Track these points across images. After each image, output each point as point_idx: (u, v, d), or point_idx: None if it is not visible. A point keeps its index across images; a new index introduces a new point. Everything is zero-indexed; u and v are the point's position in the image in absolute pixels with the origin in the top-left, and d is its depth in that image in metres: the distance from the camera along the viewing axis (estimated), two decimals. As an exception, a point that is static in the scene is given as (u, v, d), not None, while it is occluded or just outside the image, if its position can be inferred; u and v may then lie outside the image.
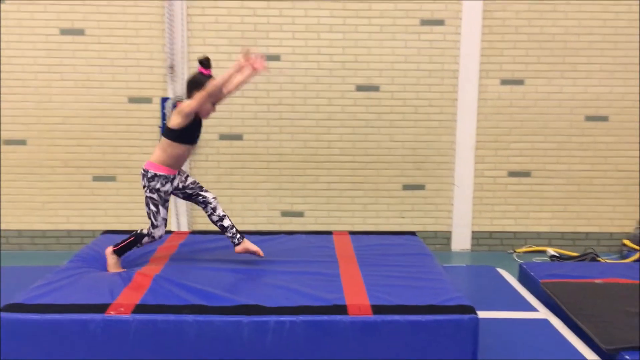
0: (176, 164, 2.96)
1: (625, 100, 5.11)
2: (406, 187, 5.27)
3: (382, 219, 5.29)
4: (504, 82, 5.13)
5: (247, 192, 5.24)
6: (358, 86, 5.14)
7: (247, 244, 3.02)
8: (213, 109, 2.93)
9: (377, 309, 2.43)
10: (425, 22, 5.06)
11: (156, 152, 2.94)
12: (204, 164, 5.20)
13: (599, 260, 4.70)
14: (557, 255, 5.01)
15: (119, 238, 3.05)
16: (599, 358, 2.64)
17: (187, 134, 2.89)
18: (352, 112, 5.19)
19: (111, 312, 2.40)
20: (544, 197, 5.27)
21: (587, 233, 5.30)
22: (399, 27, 5.07)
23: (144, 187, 2.93)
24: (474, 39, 5.04)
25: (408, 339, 2.41)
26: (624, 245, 5.15)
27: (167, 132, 2.90)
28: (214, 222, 3.06)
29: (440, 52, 5.10)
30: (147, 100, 5.11)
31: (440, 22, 5.05)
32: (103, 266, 2.96)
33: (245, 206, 5.24)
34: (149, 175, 2.91)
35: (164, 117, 5.05)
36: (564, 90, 5.11)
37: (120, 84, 5.08)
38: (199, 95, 2.80)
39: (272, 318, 2.36)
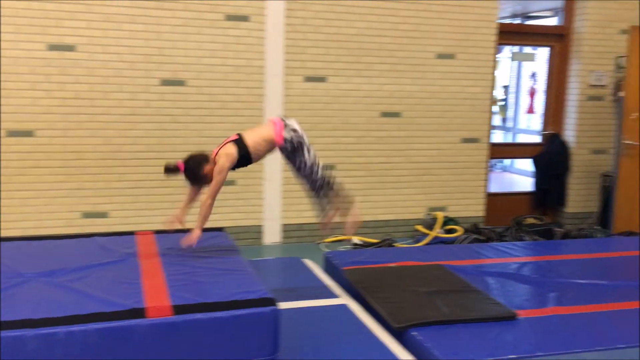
0: None
1: (414, 97, 5.60)
2: (216, 183, 5.23)
3: (193, 215, 5.16)
4: (308, 79, 5.33)
5: (42, 193, 4.81)
6: (163, 80, 4.98)
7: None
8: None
9: (178, 309, 2.37)
10: (230, 18, 5.05)
11: None
12: (-11, 164, 4.68)
13: (395, 246, 5.11)
14: (359, 243, 5.34)
15: None
16: (391, 336, 2.86)
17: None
18: (158, 107, 5.02)
19: None
20: (347, 189, 5.56)
21: (386, 220, 5.72)
22: (204, 22, 5.00)
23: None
24: (277, 36, 5.15)
25: (211, 337, 2.39)
26: (417, 230, 5.65)
27: None
28: None
29: (247, 48, 5.14)
30: None
31: (245, 18, 5.08)
32: None
33: (41, 209, 4.82)
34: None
35: None
36: (361, 87, 5.45)
37: None
38: None
39: (61, 329, 2.19)
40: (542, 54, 6.87)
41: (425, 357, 2.63)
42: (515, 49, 7.86)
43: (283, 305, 2.78)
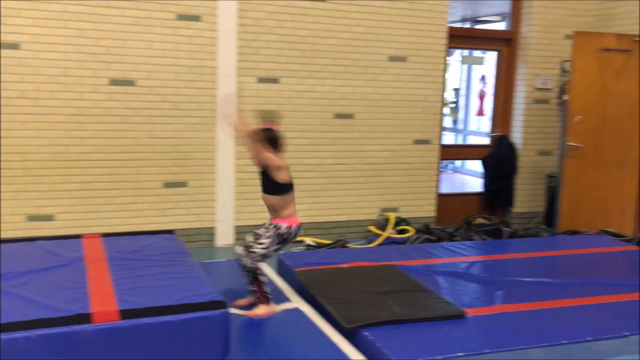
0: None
1: (366, 99, 5.64)
2: (168, 185, 5.16)
3: (142, 218, 5.11)
4: (261, 80, 5.31)
5: (-17, 196, 4.65)
6: (112, 80, 4.87)
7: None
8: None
9: (126, 314, 2.33)
10: (181, 17, 4.99)
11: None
12: None
13: (348, 246, 5.14)
14: (312, 244, 5.35)
15: None
16: (342, 337, 2.87)
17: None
18: (107, 107, 4.91)
19: None
20: (300, 190, 5.52)
21: (338, 222, 5.74)
22: (154, 21, 4.92)
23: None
24: (230, 36, 5.11)
25: (161, 341, 2.36)
26: (370, 231, 5.70)
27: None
28: None
29: (199, 48, 5.08)
30: None
31: (196, 18, 5.02)
32: None
33: (-18, 212, 4.65)
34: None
35: None
36: (314, 89, 5.46)
37: None
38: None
39: (3, 336, 2.12)
40: (491, 57, 7.04)
41: (376, 356, 2.66)
42: (466, 52, 8.04)
43: (234, 308, 2.77)
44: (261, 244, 3.10)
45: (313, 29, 5.37)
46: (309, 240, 5.41)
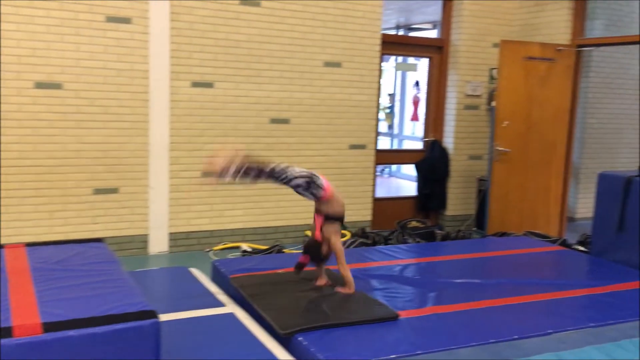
0: None
1: (302, 104, 5.66)
2: (98, 191, 5.00)
3: (71, 226, 4.93)
4: (195, 84, 5.23)
5: None
6: (37, 83, 4.69)
7: None
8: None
9: (49, 327, 2.22)
10: (111, 19, 4.86)
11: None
12: None
13: (284, 252, 5.12)
14: (249, 250, 5.31)
15: None
16: (277, 342, 2.85)
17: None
18: (32, 112, 4.71)
19: None
20: (236, 196, 5.53)
21: (275, 227, 5.72)
22: (82, 22, 4.77)
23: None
24: (163, 40, 5.02)
25: (87, 354, 2.27)
26: (307, 235, 5.70)
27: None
28: None
29: (129, 52, 4.96)
30: None
31: (127, 20, 4.90)
32: None
33: None
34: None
35: None
36: (250, 94, 5.43)
37: None
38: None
39: None
40: (424, 64, 7.20)
41: (310, 361, 2.65)
42: (400, 59, 8.20)
43: (167, 317, 2.72)
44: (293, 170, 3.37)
45: (248, 34, 5.34)
46: (245, 246, 5.37)
